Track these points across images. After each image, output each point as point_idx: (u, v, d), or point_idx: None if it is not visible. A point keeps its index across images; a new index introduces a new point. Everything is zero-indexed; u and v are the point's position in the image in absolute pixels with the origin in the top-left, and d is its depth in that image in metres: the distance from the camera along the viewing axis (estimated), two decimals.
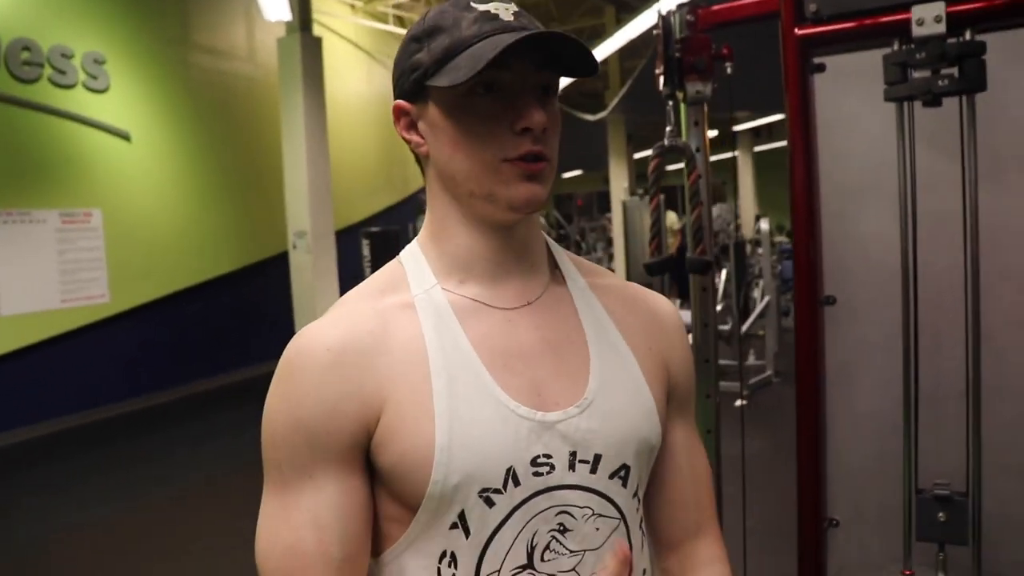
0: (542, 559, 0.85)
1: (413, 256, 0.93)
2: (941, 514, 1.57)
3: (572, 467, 0.86)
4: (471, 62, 0.81)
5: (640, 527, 0.94)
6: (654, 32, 1.79)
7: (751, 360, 7.57)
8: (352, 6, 11.42)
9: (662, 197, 1.87)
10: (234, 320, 8.72)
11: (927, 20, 1.49)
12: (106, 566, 4.12)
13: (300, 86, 7.67)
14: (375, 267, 7.07)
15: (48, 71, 6.88)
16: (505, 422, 0.84)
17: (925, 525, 1.59)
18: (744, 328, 7.43)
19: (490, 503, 0.83)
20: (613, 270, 12.72)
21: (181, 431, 6.91)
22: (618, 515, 0.90)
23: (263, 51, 9.27)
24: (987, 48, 1.46)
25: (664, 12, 1.78)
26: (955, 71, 1.49)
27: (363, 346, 0.84)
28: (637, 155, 17.53)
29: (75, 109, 7.10)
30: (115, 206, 7.43)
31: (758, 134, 18.69)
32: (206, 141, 8.53)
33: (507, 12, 0.86)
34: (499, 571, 0.84)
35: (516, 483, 0.83)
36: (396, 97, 0.92)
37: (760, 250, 8.62)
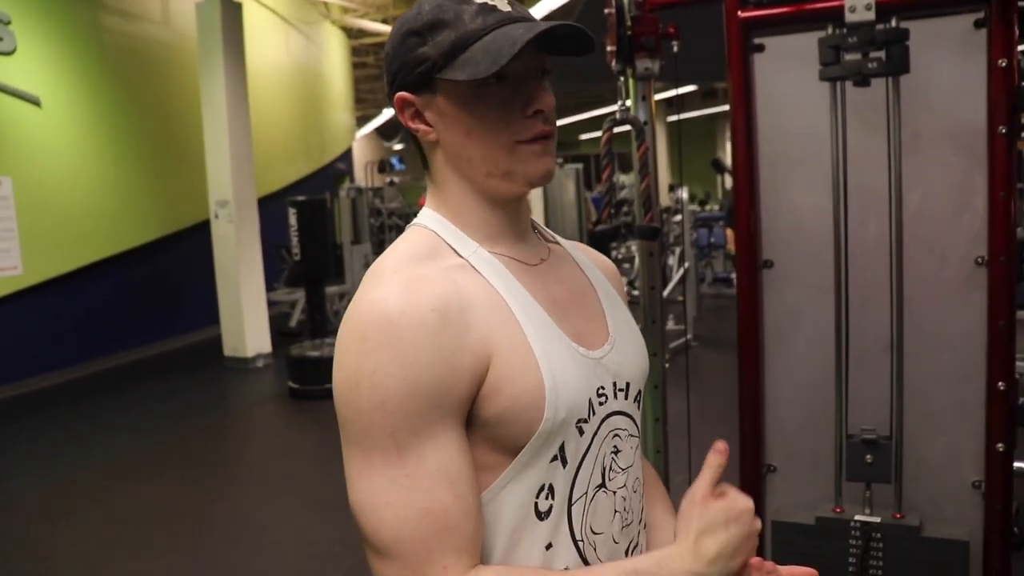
0: (609, 478, 0.95)
1: (442, 225, 0.97)
2: (868, 456, 1.75)
3: (616, 395, 0.97)
4: (490, 57, 0.86)
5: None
6: (605, 11, 1.89)
7: (671, 325, 7.84)
8: None
9: (615, 166, 1.95)
10: (154, 292, 8.53)
11: (858, 7, 1.63)
12: (30, 541, 4.07)
13: (220, 53, 7.48)
14: (302, 236, 7.03)
15: None
16: (576, 360, 0.92)
17: (854, 467, 1.76)
18: (664, 294, 7.67)
19: (581, 432, 0.91)
20: None
21: (101, 405, 6.75)
22: (639, 433, 1.03)
23: (179, 15, 9.00)
24: (910, 35, 1.61)
25: None
26: (882, 55, 1.63)
27: (459, 304, 0.87)
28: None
29: None
30: (26, 174, 7.14)
31: (671, 104, 19.03)
32: (121, 107, 8.25)
33: (503, 2, 0.91)
34: (586, 493, 0.93)
35: (593, 412, 0.93)
36: (397, 89, 0.95)
37: (677, 218, 8.87)
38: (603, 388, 0.95)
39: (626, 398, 0.99)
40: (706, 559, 0.86)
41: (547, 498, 0.91)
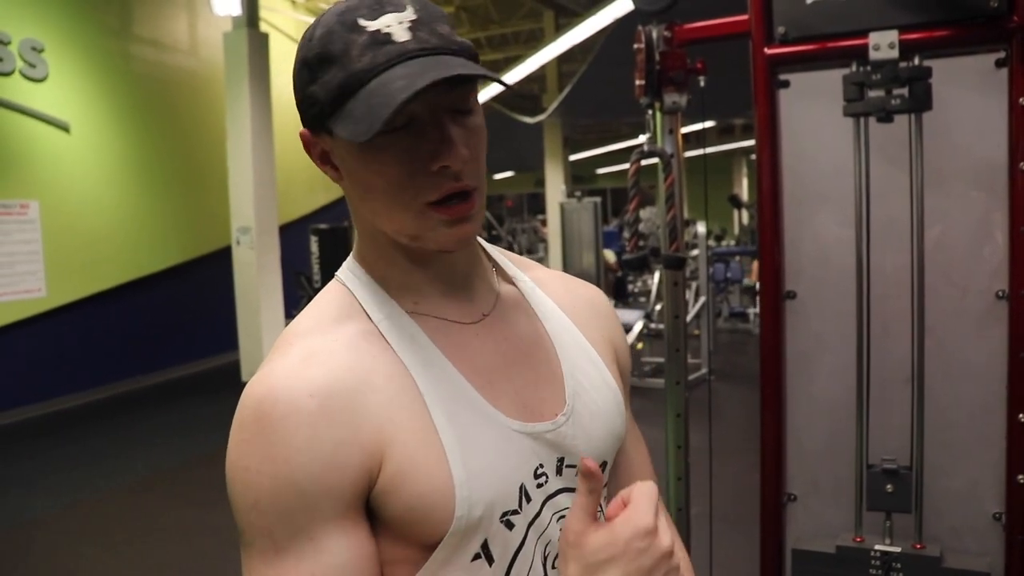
0: (553, 567, 0.83)
1: (357, 278, 0.85)
2: (889, 486, 1.76)
3: (560, 472, 0.84)
4: (369, 113, 0.71)
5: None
6: (635, 47, 1.94)
7: (688, 359, 7.85)
8: (294, 2, 11.37)
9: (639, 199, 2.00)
10: (175, 316, 8.62)
11: (882, 46, 1.67)
12: (51, 560, 4.10)
13: (246, 82, 7.64)
14: (323, 264, 7.11)
15: None
16: (508, 441, 0.80)
17: (874, 496, 1.78)
18: None
19: (510, 525, 0.80)
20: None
21: (120, 428, 6.81)
22: (602, 507, 0.87)
23: (206, 45, 9.19)
24: (933, 72, 1.65)
25: (644, 28, 1.93)
26: (905, 92, 1.67)
27: (348, 386, 0.75)
28: (573, 157, 17.77)
29: (12, 98, 6.97)
30: (53, 198, 7.29)
31: (688, 140, 19.13)
32: (147, 134, 8.42)
33: (401, 27, 0.75)
34: None
35: (528, 499, 0.81)
36: (302, 123, 0.83)
37: (694, 253, 8.91)
38: (542, 467, 0.83)
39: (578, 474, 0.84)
40: None
41: None
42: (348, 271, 0.86)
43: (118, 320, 7.97)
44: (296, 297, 9.47)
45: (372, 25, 0.74)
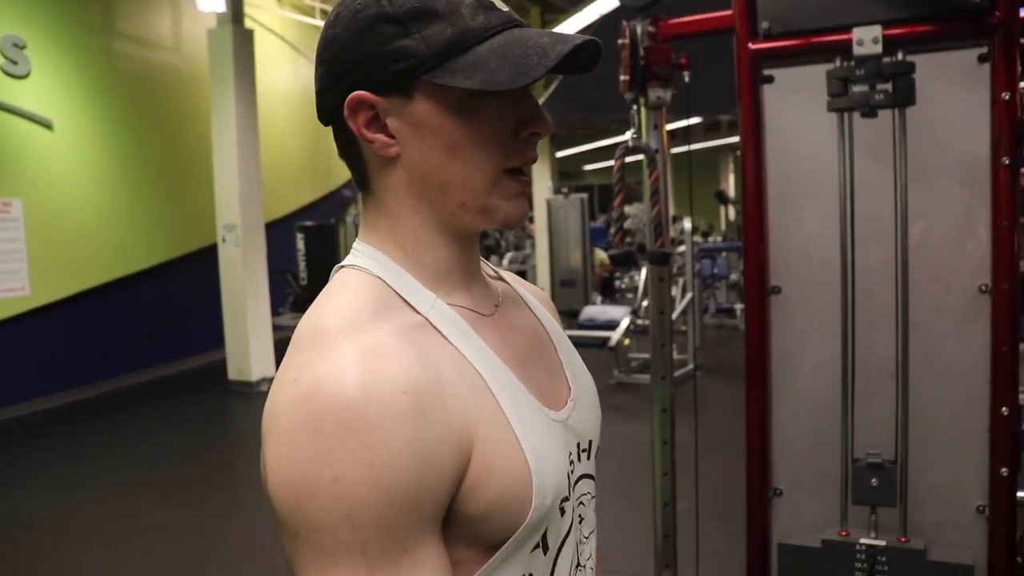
0: (581, 552, 0.85)
1: (390, 269, 0.80)
2: (873, 480, 1.77)
3: (579, 458, 0.86)
4: (509, 65, 0.72)
5: None
6: (619, 42, 1.94)
7: (674, 355, 7.87)
8: None
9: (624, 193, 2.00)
10: (160, 314, 8.57)
11: (866, 41, 1.67)
12: (39, 560, 4.07)
13: (231, 79, 7.58)
14: (310, 261, 7.09)
15: None
16: (551, 429, 0.80)
17: (860, 490, 1.79)
18: None
19: (563, 512, 0.80)
20: (535, 266, 12.91)
21: (107, 428, 6.77)
22: (596, 492, 0.92)
23: (190, 41, 9.12)
24: (916, 68, 1.66)
25: (630, 23, 1.93)
26: (889, 87, 1.68)
27: (431, 380, 0.71)
28: (559, 154, 17.75)
29: None
30: (37, 196, 7.23)
31: (675, 136, 19.20)
32: (132, 131, 8.35)
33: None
34: None
35: (572, 486, 0.82)
36: (351, 86, 0.76)
37: (680, 249, 8.92)
38: (572, 454, 0.84)
39: (588, 458, 0.89)
40: None
41: None
42: (370, 259, 0.80)
43: (103, 319, 7.91)
44: (283, 295, 9.45)
45: None
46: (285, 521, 0.68)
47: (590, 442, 0.89)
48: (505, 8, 0.77)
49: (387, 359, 0.69)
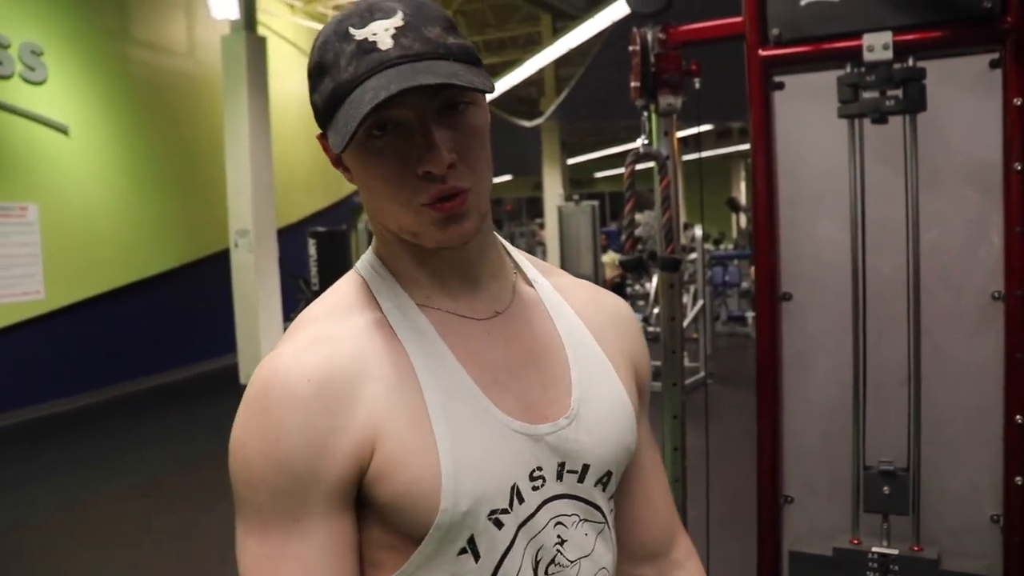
0: (547, 572, 0.83)
1: (374, 268, 0.87)
2: (886, 488, 1.76)
3: (560, 477, 0.84)
4: (345, 124, 0.74)
5: (613, 526, 0.93)
6: (630, 48, 1.94)
7: (685, 362, 7.85)
8: (291, 6, 11.38)
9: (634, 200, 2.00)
10: (173, 319, 8.62)
11: (876, 47, 1.67)
12: (48, 562, 4.09)
13: (244, 85, 7.64)
14: (321, 267, 7.11)
15: None
16: (505, 439, 0.80)
17: (871, 498, 1.78)
18: None
19: (499, 524, 0.79)
20: None
21: (118, 431, 6.81)
22: (602, 519, 0.89)
23: (204, 48, 9.20)
24: (927, 74, 1.65)
25: (639, 30, 1.93)
26: (900, 93, 1.67)
27: (347, 373, 0.77)
28: (571, 161, 17.78)
29: (11, 100, 6.97)
30: (52, 201, 7.30)
31: (686, 143, 19.18)
32: (145, 137, 8.42)
33: (387, 35, 0.75)
34: None
35: (520, 500, 0.81)
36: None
37: (692, 256, 8.91)
38: (540, 470, 0.83)
39: (580, 481, 0.86)
40: None
41: None
42: (366, 262, 0.88)
43: (116, 323, 7.95)
44: (294, 300, 9.48)
45: (360, 34, 0.76)
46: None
47: (585, 466, 0.86)
48: (387, 45, 0.75)
49: (318, 350, 0.78)
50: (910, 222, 1.74)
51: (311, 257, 6.81)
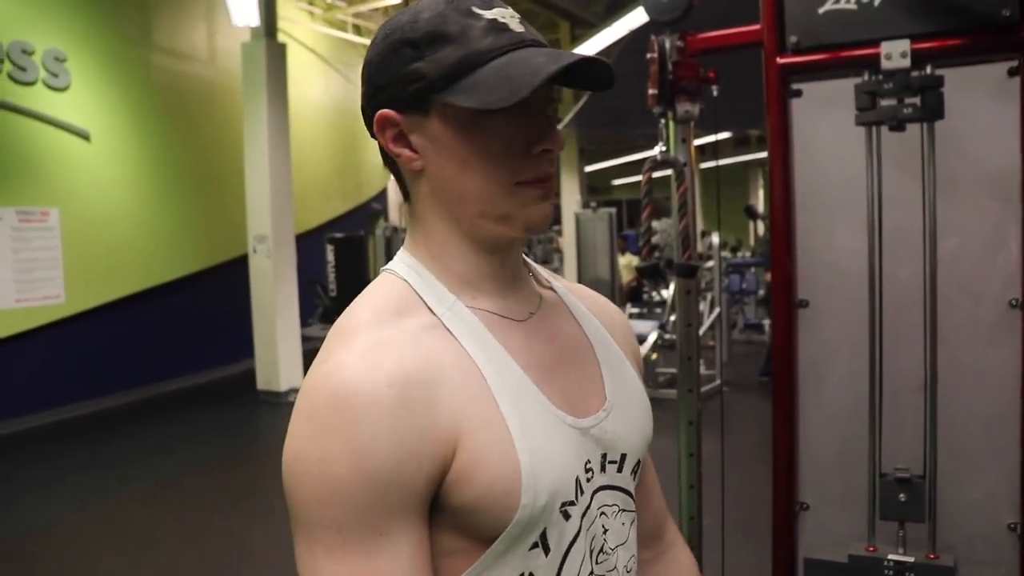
0: (597, 561, 0.85)
1: (417, 272, 0.86)
2: (902, 495, 1.75)
3: (604, 468, 0.88)
4: (506, 85, 0.75)
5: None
6: (648, 56, 1.95)
7: (702, 370, 7.84)
8: (311, 13, 11.47)
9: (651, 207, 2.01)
10: (191, 324, 8.68)
11: (894, 55, 1.67)
12: (65, 565, 4.12)
13: (264, 92, 7.70)
14: (339, 273, 7.14)
15: (8, 67, 6.83)
16: (563, 433, 0.82)
17: (887, 505, 1.77)
18: None
19: (567, 516, 0.81)
20: None
21: (136, 435, 6.87)
22: (633, 507, 0.93)
23: (224, 55, 9.27)
24: (945, 81, 1.66)
25: (657, 37, 1.95)
26: (917, 100, 1.67)
27: (421, 376, 0.76)
28: (588, 168, 17.78)
29: (35, 106, 7.06)
30: (73, 206, 7.38)
31: (703, 151, 19.16)
32: (166, 143, 8.50)
33: (514, 21, 0.81)
34: None
35: (581, 492, 0.83)
36: (380, 105, 0.83)
37: (709, 264, 8.90)
38: (589, 462, 0.86)
39: (619, 471, 0.90)
40: None
41: None
42: (404, 264, 0.87)
43: (135, 327, 8.02)
44: (312, 306, 9.53)
45: (488, 14, 0.80)
46: (287, 498, 0.75)
47: (623, 455, 0.90)
48: (520, 29, 0.81)
49: (386, 355, 0.76)
50: (927, 230, 1.74)
51: (329, 263, 6.83)
